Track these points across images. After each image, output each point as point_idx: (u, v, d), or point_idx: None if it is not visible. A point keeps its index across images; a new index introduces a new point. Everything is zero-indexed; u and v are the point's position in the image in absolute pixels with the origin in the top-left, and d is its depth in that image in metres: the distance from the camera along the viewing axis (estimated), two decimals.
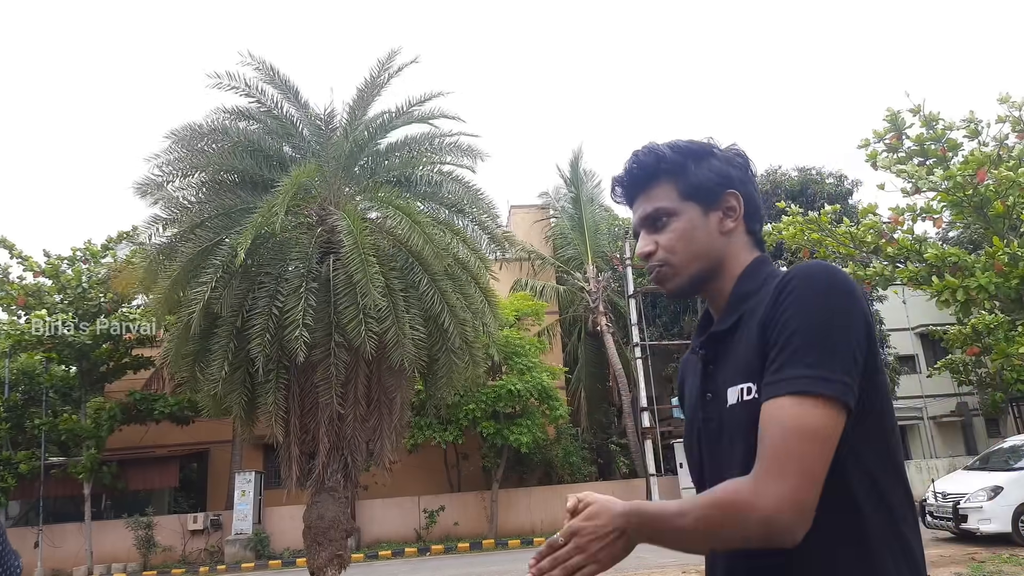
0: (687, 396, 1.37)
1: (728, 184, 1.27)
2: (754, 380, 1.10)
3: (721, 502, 1.00)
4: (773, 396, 1.02)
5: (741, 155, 1.32)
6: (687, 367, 1.41)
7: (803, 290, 1.07)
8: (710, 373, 1.24)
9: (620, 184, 1.34)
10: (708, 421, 1.21)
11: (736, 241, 1.28)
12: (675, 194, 1.27)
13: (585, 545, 1.04)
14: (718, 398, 1.19)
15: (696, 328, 1.36)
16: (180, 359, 10.08)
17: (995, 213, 7.46)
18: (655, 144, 1.30)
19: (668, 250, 1.27)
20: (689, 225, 1.26)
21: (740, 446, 1.11)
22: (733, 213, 1.27)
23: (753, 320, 1.15)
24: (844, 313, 1.05)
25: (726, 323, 1.22)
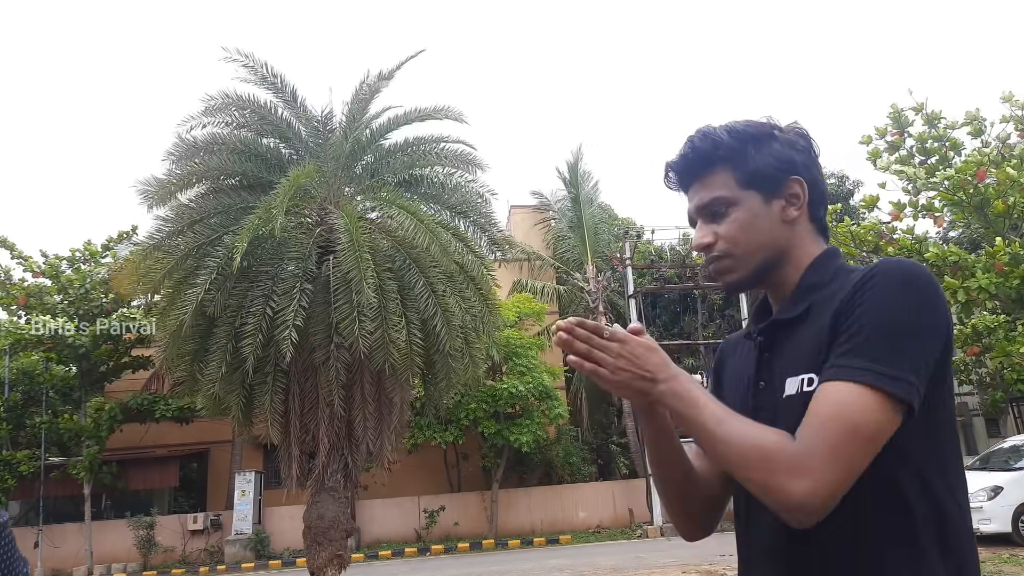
0: (729, 380, 1.33)
1: (791, 170, 1.20)
2: (818, 372, 1.07)
3: (764, 452, 0.99)
4: (835, 379, 1.00)
5: (804, 136, 1.25)
6: (730, 351, 1.38)
7: (887, 284, 1.03)
8: (766, 361, 1.20)
9: (673, 170, 1.28)
10: (760, 410, 1.16)
11: (800, 230, 1.22)
12: (733, 182, 1.20)
13: (620, 354, 1.07)
14: (773, 387, 1.16)
15: (752, 314, 1.32)
16: (178, 359, 10.07)
17: (995, 212, 7.46)
18: (711, 128, 1.23)
19: (729, 241, 1.21)
20: (750, 215, 1.19)
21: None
22: (797, 200, 1.20)
23: (823, 312, 1.11)
24: (924, 313, 1.02)
25: (792, 312, 1.17)
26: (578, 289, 23.51)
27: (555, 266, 24.60)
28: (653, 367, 1.07)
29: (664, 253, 25.18)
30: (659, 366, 1.07)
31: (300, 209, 10.58)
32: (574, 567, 13.17)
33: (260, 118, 10.86)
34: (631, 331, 1.10)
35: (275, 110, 10.98)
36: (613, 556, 14.53)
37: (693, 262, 23.00)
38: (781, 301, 1.24)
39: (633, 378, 1.07)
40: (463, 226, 11.21)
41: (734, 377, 1.30)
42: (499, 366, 18.88)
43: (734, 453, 1.01)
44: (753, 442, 1.01)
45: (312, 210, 10.66)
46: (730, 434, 1.02)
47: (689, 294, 24.57)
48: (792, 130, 1.25)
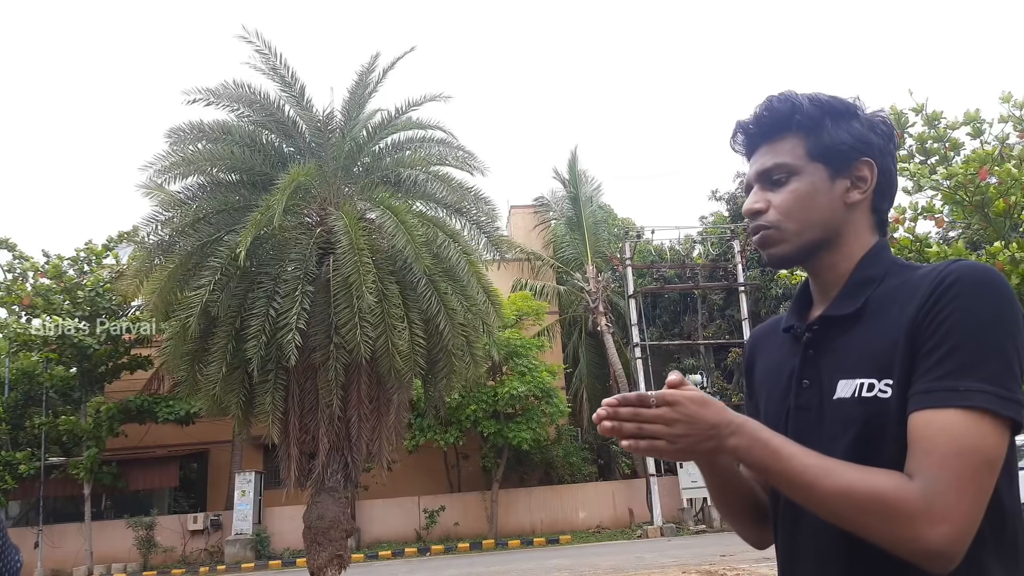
0: (762, 374, 1.27)
1: (865, 151, 1.13)
2: (882, 377, 1.01)
3: (884, 500, 0.91)
4: (942, 406, 0.93)
5: (887, 123, 1.18)
6: (764, 343, 1.30)
7: (975, 295, 0.97)
8: (811, 358, 1.12)
9: (744, 130, 1.20)
10: (803, 410, 1.10)
11: (859, 216, 1.15)
12: (802, 151, 1.14)
13: (674, 421, 0.97)
14: (819, 387, 1.09)
15: (791, 305, 1.24)
16: (179, 358, 10.07)
17: (996, 212, 7.46)
18: (793, 92, 1.17)
19: (781, 212, 1.14)
20: (811, 188, 1.13)
21: (843, 443, 1.03)
22: (863, 184, 1.14)
23: (885, 313, 1.05)
24: (1015, 324, 0.97)
25: (847, 308, 1.10)
26: (578, 289, 23.51)
27: (555, 266, 24.60)
28: (714, 422, 0.97)
29: (664, 253, 25.18)
30: (720, 421, 0.98)
31: (300, 209, 10.57)
32: (574, 567, 13.16)
33: (265, 112, 10.84)
34: (671, 384, 1.01)
35: (280, 105, 10.95)
36: (613, 556, 14.53)
37: (693, 262, 23.01)
38: (826, 291, 1.17)
39: (697, 441, 0.98)
40: (460, 225, 11.21)
41: (770, 371, 1.24)
42: (499, 366, 18.88)
43: (846, 507, 0.93)
44: (867, 491, 0.92)
45: (312, 210, 10.66)
46: (834, 485, 0.93)
47: (689, 294, 24.56)
48: (876, 115, 1.19)
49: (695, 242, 24.50)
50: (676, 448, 0.98)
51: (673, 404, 0.97)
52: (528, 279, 23.77)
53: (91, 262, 18.95)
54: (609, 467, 22.90)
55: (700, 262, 22.84)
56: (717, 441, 0.98)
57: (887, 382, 1.01)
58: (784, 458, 0.97)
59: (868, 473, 0.94)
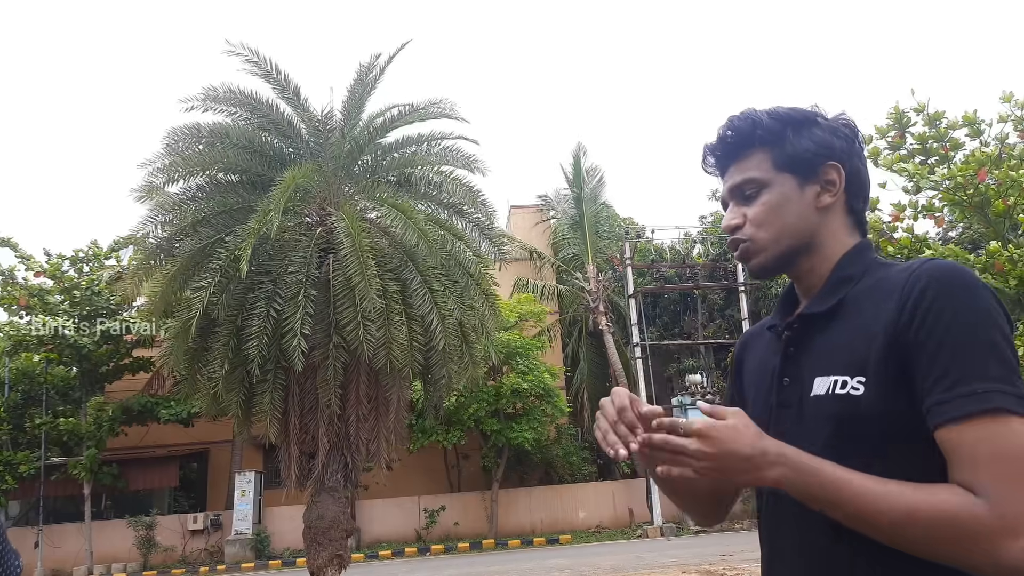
0: (750, 373, 1.29)
1: (829, 155, 1.17)
2: (855, 375, 1.02)
3: (956, 521, 0.90)
4: (965, 414, 0.93)
5: (849, 125, 1.21)
6: (751, 342, 1.34)
7: (956, 295, 0.98)
8: (791, 356, 1.15)
9: (712, 152, 1.25)
10: (785, 407, 1.13)
11: (833, 219, 1.18)
12: (769, 164, 1.17)
13: (704, 454, 0.96)
14: (799, 384, 1.11)
15: (777, 305, 1.27)
16: (179, 358, 10.07)
17: (996, 213, 7.46)
18: (753, 110, 1.21)
19: (756, 224, 1.17)
20: (781, 198, 1.16)
21: (820, 439, 1.04)
22: (832, 187, 1.17)
23: (860, 312, 1.07)
24: (998, 315, 0.99)
25: (822, 305, 1.13)
26: (579, 289, 23.51)
27: (556, 266, 24.60)
28: (747, 455, 0.96)
29: (664, 253, 25.17)
30: (754, 453, 0.96)
31: (300, 209, 10.56)
32: (574, 567, 13.17)
33: (262, 115, 10.85)
34: (706, 412, 1.00)
35: (277, 107, 10.96)
36: (613, 556, 14.54)
37: (693, 262, 23.00)
38: (808, 293, 1.20)
39: (731, 473, 0.97)
40: (461, 225, 11.20)
41: (756, 370, 1.27)
42: (499, 367, 18.88)
43: (914, 532, 0.92)
44: (936, 513, 0.91)
45: (312, 210, 10.66)
46: (898, 510, 0.92)
47: (689, 294, 24.55)
48: (837, 119, 1.22)
49: (695, 242, 24.50)
50: (709, 472, 0.98)
51: (702, 437, 0.96)
52: (529, 278, 23.77)
53: (91, 262, 18.95)
54: (609, 467, 22.88)
55: (700, 262, 22.81)
56: (755, 473, 0.97)
57: (860, 379, 1.02)
58: (836, 487, 0.96)
59: (929, 493, 0.93)
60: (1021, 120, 7.76)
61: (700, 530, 18.38)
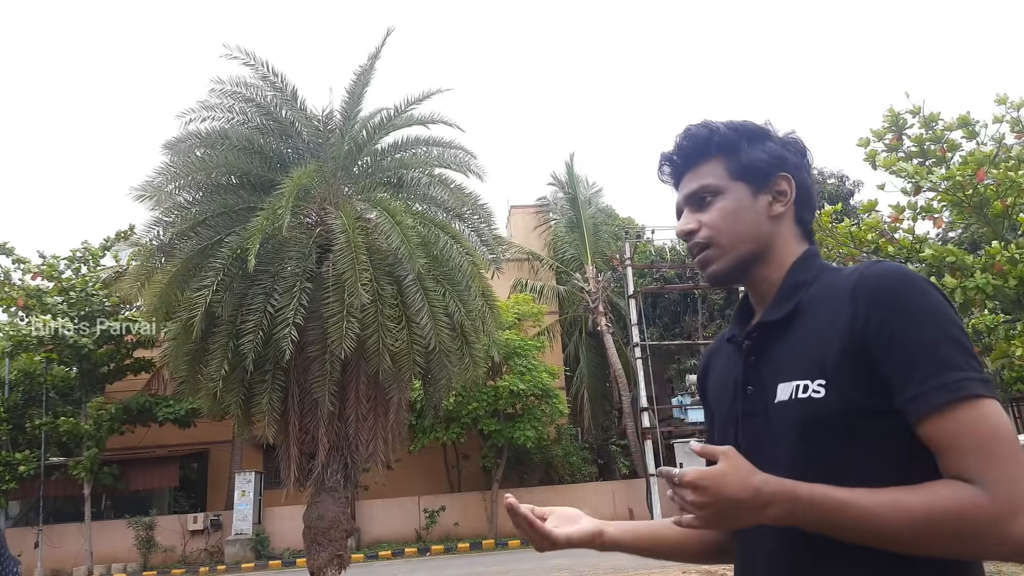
0: (714, 386, 1.31)
1: (781, 167, 1.22)
2: (814, 378, 1.05)
3: (960, 515, 0.92)
4: (943, 404, 0.96)
5: (798, 142, 1.27)
6: (714, 357, 1.36)
7: (908, 295, 1.02)
8: (752, 365, 1.17)
9: (668, 161, 1.28)
10: (750, 416, 1.14)
11: (784, 228, 1.22)
12: (724, 171, 1.21)
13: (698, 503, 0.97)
14: (763, 392, 1.13)
15: (734, 317, 1.30)
16: (180, 359, 10.09)
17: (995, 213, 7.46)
18: (709, 120, 1.25)
19: (712, 229, 1.21)
20: (736, 204, 1.20)
21: (787, 444, 1.07)
22: (784, 197, 1.21)
23: (815, 317, 1.10)
24: (951, 311, 1.03)
25: (778, 313, 1.15)
26: (578, 289, 23.52)
27: (555, 266, 24.61)
28: (738, 499, 0.96)
29: (664, 253, 25.19)
30: (744, 496, 0.96)
31: (300, 209, 10.58)
32: (574, 567, 13.18)
33: (264, 114, 10.88)
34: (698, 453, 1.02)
35: (277, 108, 10.98)
36: (613, 556, 14.47)
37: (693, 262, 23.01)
38: (763, 301, 1.22)
39: (728, 517, 0.98)
40: (458, 226, 11.21)
41: (719, 383, 1.29)
42: (499, 367, 18.90)
43: (925, 536, 0.93)
44: (941, 513, 0.93)
45: (312, 210, 10.67)
46: (905, 519, 0.93)
47: (689, 294, 24.58)
48: (788, 136, 1.27)
49: None
50: (710, 522, 0.99)
51: (695, 489, 0.97)
52: (528, 279, 23.78)
53: (87, 262, 18.95)
54: (609, 467, 22.91)
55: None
56: (752, 514, 0.98)
57: (820, 382, 1.05)
58: (834, 512, 0.96)
59: (928, 495, 0.95)
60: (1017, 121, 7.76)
61: None
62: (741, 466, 0.98)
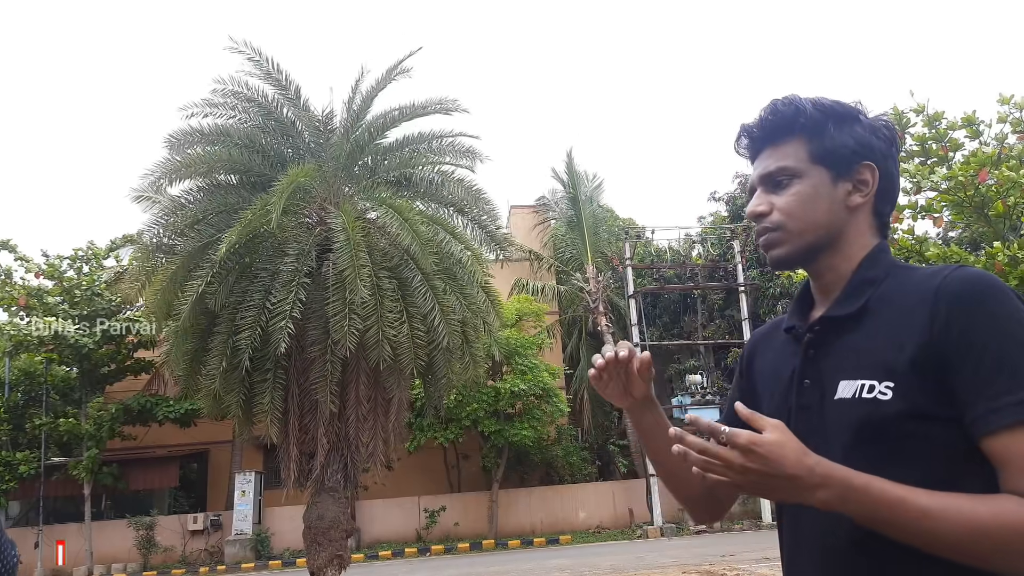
0: (761, 375, 1.27)
1: (867, 155, 1.15)
2: (883, 379, 1.01)
3: (1021, 529, 0.90)
4: (1014, 421, 0.93)
5: (889, 127, 1.19)
6: (763, 345, 1.32)
7: (990, 303, 0.99)
8: (812, 358, 1.13)
9: (748, 134, 1.22)
10: (805, 409, 1.11)
11: (860, 219, 1.16)
12: (805, 154, 1.16)
13: (743, 468, 0.93)
14: (820, 387, 1.10)
15: (793, 305, 1.25)
16: (179, 356, 10.09)
17: (996, 213, 7.46)
18: (797, 96, 1.18)
19: (785, 213, 1.15)
20: (813, 191, 1.14)
21: (841, 443, 1.04)
22: (865, 187, 1.15)
23: (886, 317, 1.07)
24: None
25: (848, 308, 1.11)
26: (578, 289, 23.52)
27: (555, 266, 24.61)
28: (792, 474, 0.93)
29: (664, 253, 25.18)
30: (799, 472, 0.93)
31: (300, 209, 10.59)
32: (574, 567, 13.17)
33: (265, 113, 10.88)
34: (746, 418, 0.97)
35: (278, 107, 10.98)
36: (613, 556, 14.54)
37: (693, 262, 23.00)
38: (827, 293, 1.18)
39: (771, 488, 0.96)
40: (461, 223, 11.22)
41: (769, 372, 1.25)
42: (500, 366, 18.89)
43: (980, 546, 0.91)
44: (1001, 525, 0.91)
45: (312, 210, 10.68)
46: (962, 527, 0.92)
47: (689, 294, 24.55)
48: (878, 119, 1.20)
49: (695, 242, 24.53)
50: (749, 487, 0.96)
51: (747, 452, 0.93)
52: (528, 279, 23.78)
53: (90, 262, 18.96)
54: (609, 467, 22.90)
55: (700, 262, 22.82)
56: (799, 493, 0.95)
57: (888, 384, 1.01)
58: (890, 507, 0.94)
59: (991, 506, 0.93)
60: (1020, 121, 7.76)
61: (700, 530, 18.39)
62: (795, 441, 0.95)
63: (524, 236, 24.59)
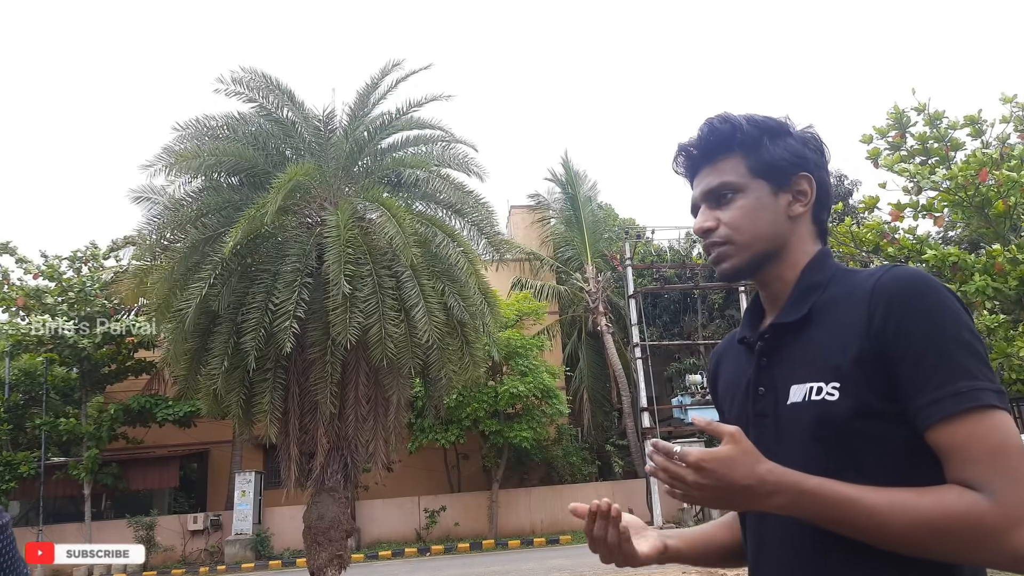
0: (724, 386, 1.31)
1: (802, 166, 1.20)
2: (829, 381, 1.04)
3: (966, 521, 0.92)
4: (955, 412, 0.96)
5: (817, 139, 1.24)
6: (724, 356, 1.35)
7: (926, 300, 1.01)
8: (764, 366, 1.16)
9: (686, 152, 1.25)
10: (761, 416, 1.14)
11: (801, 228, 1.21)
12: (744, 169, 1.19)
13: (697, 484, 0.97)
14: (774, 393, 1.13)
15: (744, 317, 1.30)
16: (179, 356, 10.08)
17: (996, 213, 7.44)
18: (730, 113, 1.22)
19: (732, 227, 1.19)
20: (757, 203, 1.18)
21: (797, 446, 1.06)
22: (804, 197, 1.20)
23: (831, 320, 1.09)
24: (966, 316, 1.02)
25: (793, 315, 1.14)
26: (578, 289, 23.51)
27: (555, 266, 24.60)
28: (744, 484, 0.97)
29: (664, 253, 25.18)
30: (752, 482, 0.97)
31: (301, 208, 10.60)
32: (574, 567, 13.17)
33: (265, 114, 10.95)
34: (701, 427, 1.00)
35: (278, 108, 11.05)
36: None
37: (693, 262, 23.00)
38: (775, 301, 1.22)
39: (729, 499, 0.99)
40: (459, 224, 11.22)
41: (729, 383, 1.28)
42: (500, 367, 18.88)
43: (925, 538, 0.94)
44: (944, 516, 0.94)
45: (312, 210, 10.69)
46: (907, 520, 0.94)
47: (689, 294, 24.56)
48: (807, 131, 1.24)
49: (695, 242, 24.53)
50: (703, 500, 0.99)
51: (695, 467, 0.97)
52: (528, 279, 23.77)
53: (90, 262, 18.96)
54: (609, 467, 22.90)
55: (700, 262, 22.82)
56: (754, 501, 0.99)
57: (835, 385, 1.04)
58: (841, 508, 0.97)
59: (935, 498, 0.95)
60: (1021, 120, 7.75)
61: None
62: (748, 451, 0.98)
63: (524, 236, 24.60)
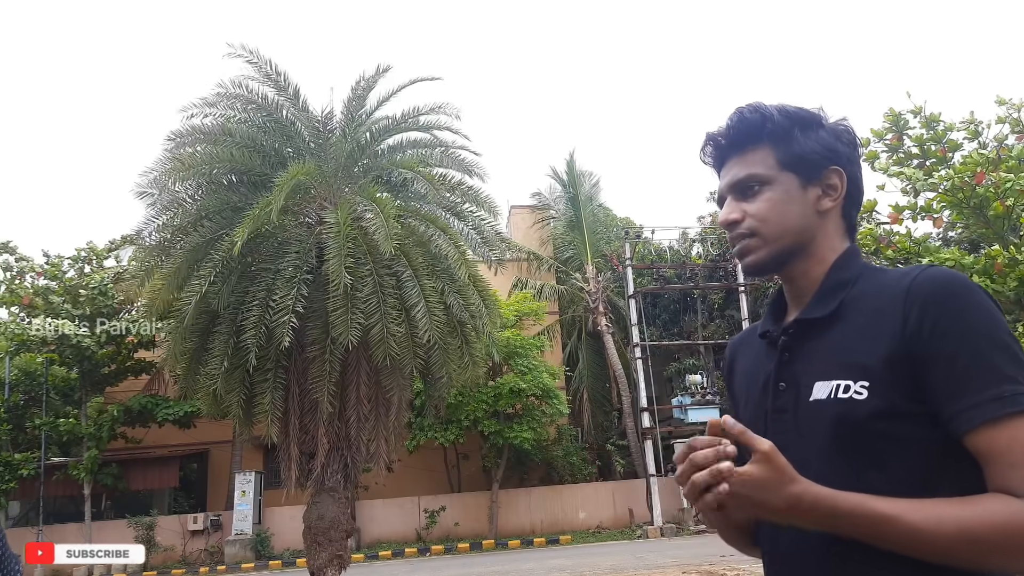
0: (740, 380, 1.28)
1: (834, 160, 1.16)
2: (858, 379, 1.02)
3: (1008, 531, 0.90)
4: (996, 416, 0.94)
5: (850, 132, 1.20)
6: (741, 350, 1.32)
7: (962, 301, 1.00)
8: (786, 361, 1.13)
9: (714, 142, 1.22)
10: (781, 412, 1.11)
11: (830, 223, 1.17)
12: (773, 161, 1.16)
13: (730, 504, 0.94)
14: (796, 389, 1.10)
15: (767, 311, 1.26)
16: (179, 355, 10.10)
17: (995, 214, 7.46)
18: (762, 103, 1.18)
19: (759, 219, 1.15)
20: (785, 196, 1.15)
21: (818, 444, 1.04)
22: (834, 192, 1.16)
23: (858, 318, 1.07)
24: (1001, 317, 1.01)
25: (821, 311, 1.12)
26: (578, 289, 23.52)
27: (555, 266, 24.61)
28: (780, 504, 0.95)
29: (664, 253, 25.19)
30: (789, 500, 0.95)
31: (301, 208, 10.61)
32: (574, 567, 13.19)
33: (265, 114, 10.92)
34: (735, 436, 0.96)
35: (278, 108, 11.03)
36: (613, 556, 14.55)
37: (692, 262, 23.02)
38: (800, 297, 1.19)
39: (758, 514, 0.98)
40: (459, 225, 11.23)
41: (746, 377, 1.25)
42: (499, 367, 18.89)
43: (972, 550, 0.92)
44: (990, 527, 0.91)
45: (312, 209, 10.70)
46: (952, 532, 0.92)
47: (689, 294, 24.56)
48: (840, 124, 1.21)
49: (694, 242, 24.54)
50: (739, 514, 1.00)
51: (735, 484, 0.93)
52: (528, 279, 23.78)
53: (91, 262, 18.97)
54: (609, 467, 22.91)
55: (700, 262, 22.82)
56: (785, 519, 0.97)
57: (863, 383, 1.02)
58: (881, 525, 0.94)
59: (977, 508, 0.93)
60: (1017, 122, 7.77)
61: (700, 530, 18.41)
62: (782, 469, 0.94)
63: (524, 236, 24.61)
